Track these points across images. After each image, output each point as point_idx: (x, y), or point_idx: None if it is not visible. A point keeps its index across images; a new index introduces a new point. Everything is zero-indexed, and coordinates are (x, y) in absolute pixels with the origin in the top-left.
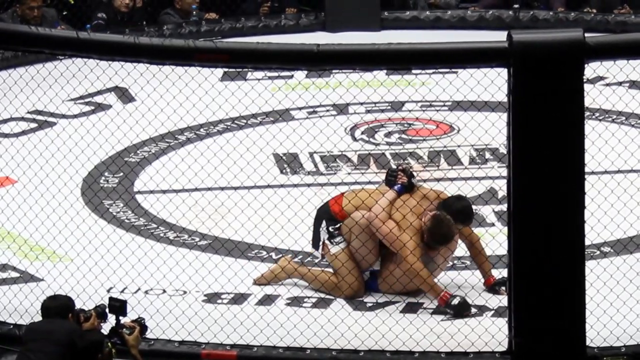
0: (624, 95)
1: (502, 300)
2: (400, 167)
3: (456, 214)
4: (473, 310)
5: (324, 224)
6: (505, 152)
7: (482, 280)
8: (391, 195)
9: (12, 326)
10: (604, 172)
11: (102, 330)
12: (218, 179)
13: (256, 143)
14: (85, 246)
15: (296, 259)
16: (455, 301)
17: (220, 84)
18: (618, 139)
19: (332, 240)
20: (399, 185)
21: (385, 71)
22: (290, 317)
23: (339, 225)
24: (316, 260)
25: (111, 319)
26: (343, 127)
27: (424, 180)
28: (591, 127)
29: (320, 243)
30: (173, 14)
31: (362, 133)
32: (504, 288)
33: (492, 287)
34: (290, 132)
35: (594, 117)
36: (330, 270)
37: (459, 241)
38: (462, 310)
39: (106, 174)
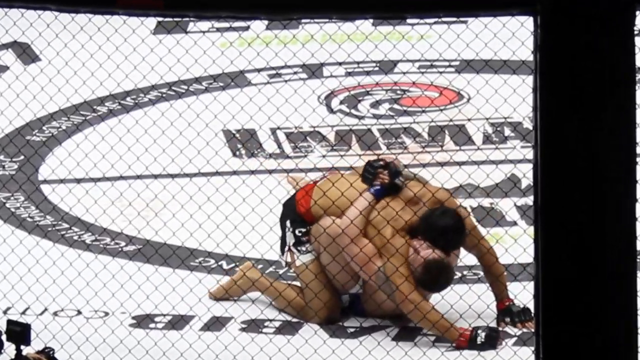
0: None
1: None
2: (382, 161)
3: (435, 238)
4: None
5: (288, 224)
6: (530, 128)
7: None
8: (365, 201)
9: None
10: None
11: None
12: (150, 164)
13: (201, 116)
14: None
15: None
16: (482, 336)
17: (153, 38)
18: None
19: (298, 248)
20: (377, 187)
21: (371, 21)
22: (247, 346)
23: (307, 228)
24: (281, 271)
25: (9, 349)
26: (316, 95)
27: (424, 166)
28: None
29: (286, 248)
30: None
31: (341, 103)
32: (508, 320)
33: (499, 315)
34: (245, 101)
35: None
36: (299, 284)
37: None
38: (492, 342)
39: (2, 157)
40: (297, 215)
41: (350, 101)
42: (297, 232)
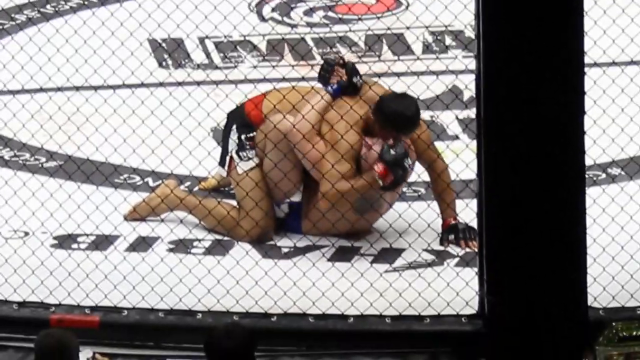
0: None
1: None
2: (339, 60)
3: (389, 120)
4: (427, 257)
5: (234, 129)
6: (472, 37)
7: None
8: (322, 100)
9: None
10: (612, 64)
11: None
12: (71, 75)
13: (124, 25)
14: None
15: (182, 187)
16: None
17: None
18: (631, 17)
19: (240, 154)
20: (335, 86)
21: None
22: (174, 267)
23: (253, 134)
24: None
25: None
26: (246, 2)
27: (360, 76)
28: (593, 1)
29: (228, 157)
30: None
31: (273, 10)
32: (452, 237)
33: (443, 234)
34: (172, 9)
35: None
36: (230, 202)
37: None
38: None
39: None
40: (244, 119)
41: (283, 8)
42: (242, 137)
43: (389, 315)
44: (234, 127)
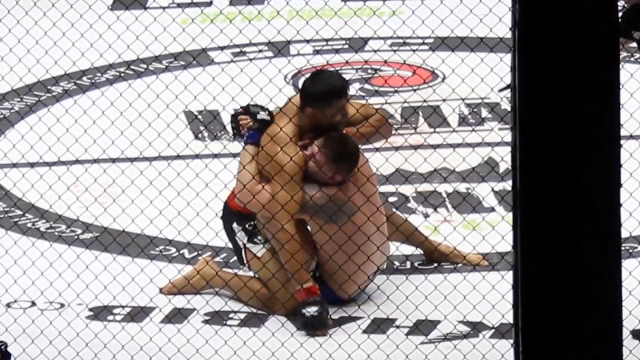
0: None
1: (505, 315)
2: (238, 110)
3: (320, 97)
4: (462, 328)
5: (235, 226)
6: (508, 109)
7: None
8: (247, 153)
9: None
10: None
11: None
12: (107, 147)
13: (161, 97)
14: None
15: (217, 259)
16: (311, 310)
17: (111, 14)
18: None
19: (255, 240)
20: (250, 132)
21: None
22: (210, 339)
23: (254, 222)
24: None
25: None
26: (282, 74)
27: (396, 149)
28: (629, 74)
29: (243, 251)
30: None
31: None
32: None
33: None
34: (208, 81)
35: (632, 59)
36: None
37: None
38: (313, 326)
39: None
40: (236, 213)
41: None
42: (247, 226)
43: None
44: (234, 223)
